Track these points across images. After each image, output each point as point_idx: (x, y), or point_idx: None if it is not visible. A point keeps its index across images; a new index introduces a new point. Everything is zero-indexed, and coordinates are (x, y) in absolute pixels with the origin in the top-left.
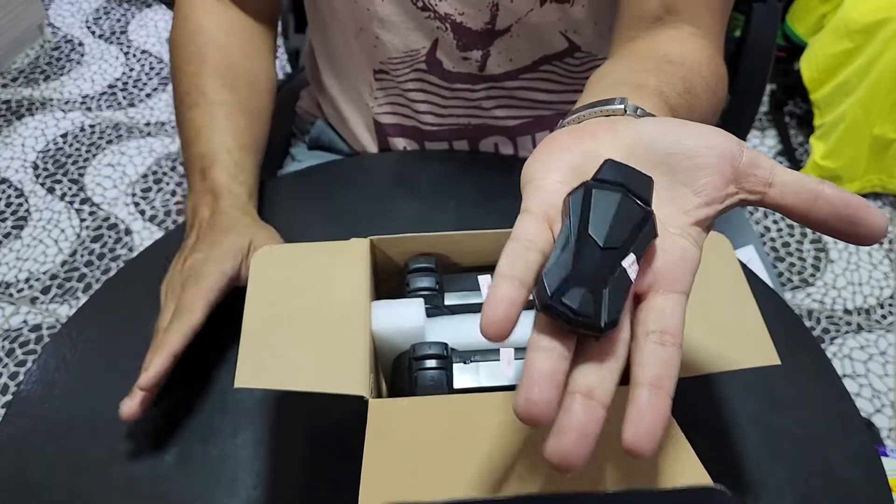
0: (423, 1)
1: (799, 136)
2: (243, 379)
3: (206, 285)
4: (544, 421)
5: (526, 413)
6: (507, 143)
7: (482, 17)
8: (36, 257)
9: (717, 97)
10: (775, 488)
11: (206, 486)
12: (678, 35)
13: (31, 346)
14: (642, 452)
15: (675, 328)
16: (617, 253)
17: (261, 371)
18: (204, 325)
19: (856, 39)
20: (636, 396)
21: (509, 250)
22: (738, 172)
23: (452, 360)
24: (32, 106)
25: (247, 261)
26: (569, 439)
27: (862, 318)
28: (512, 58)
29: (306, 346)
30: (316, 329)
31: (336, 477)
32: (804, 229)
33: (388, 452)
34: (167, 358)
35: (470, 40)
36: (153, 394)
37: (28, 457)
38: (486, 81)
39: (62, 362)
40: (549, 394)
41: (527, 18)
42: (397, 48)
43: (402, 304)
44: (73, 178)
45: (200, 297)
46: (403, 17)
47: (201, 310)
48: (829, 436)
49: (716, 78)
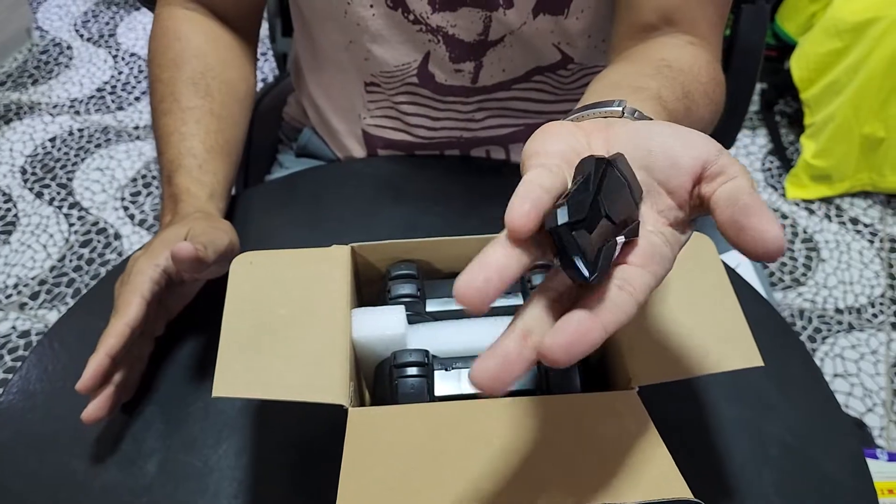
0: (415, 14)
1: (790, 134)
2: (221, 388)
3: (139, 281)
4: (475, 306)
5: (461, 293)
6: (499, 150)
7: (475, 29)
8: (24, 262)
9: (714, 103)
10: (762, 493)
11: (187, 496)
12: (676, 43)
13: (19, 353)
14: (553, 359)
15: (638, 284)
16: (615, 228)
17: (239, 380)
18: (143, 324)
19: (845, 38)
20: (572, 314)
21: (524, 181)
22: (706, 177)
23: (434, 367)
24: (20, 110)
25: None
26: (493, 363)
27: (853, 317)
28: (505, 68)
29: (285, 355)
30: (295, 337)
31: (318, 487)
32: (796, 229)
33: (366, 461)
34: (102, 359)
35: (462, 52)
36: (112, 399)
37: (9, 468)
38: (479, 94)
39: (44, 373)
40: (487, 283)
41: (520, 30)
42: (388, 62)
43: (383, 311)
44: (61, 182)
45: (134, 295)
46: (394, 31)
47: (136, 306)
48: (816, 440)
49: (714, 84)
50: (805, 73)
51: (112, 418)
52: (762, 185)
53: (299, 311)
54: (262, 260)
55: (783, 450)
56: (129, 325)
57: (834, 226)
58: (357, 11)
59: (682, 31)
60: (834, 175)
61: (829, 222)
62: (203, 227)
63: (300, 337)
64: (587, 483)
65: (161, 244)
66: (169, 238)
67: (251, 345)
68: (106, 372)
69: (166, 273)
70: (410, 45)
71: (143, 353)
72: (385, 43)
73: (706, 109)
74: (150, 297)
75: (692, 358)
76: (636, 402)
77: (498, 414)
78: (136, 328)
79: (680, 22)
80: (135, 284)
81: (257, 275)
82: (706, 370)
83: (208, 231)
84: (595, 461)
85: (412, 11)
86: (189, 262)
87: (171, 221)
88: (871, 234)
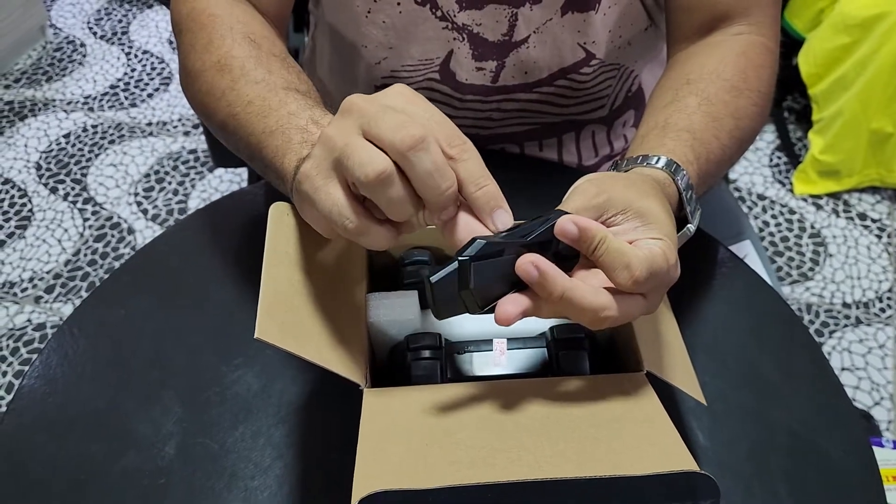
0: (442, 11)
1: (797, 130)
2: (263, 332)
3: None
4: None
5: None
6: (513, 147)
7: (500, 29)
8: (39, 257)
9: (742, 90)
10: (769, 479)
11: (205, 478)
12: (719, 41)
13: (35, 345)
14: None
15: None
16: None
17: (278, 329)
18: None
19: (854, 34)
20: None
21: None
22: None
23: (446, 350)
24: (35, 107)
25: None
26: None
27: (861, 311)
28: (527, 70)
29: (314, 320)
30: (322, 306)
31: (334, 467)
32: (803, 224)
33: (382, 441)
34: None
35: (486, 51)
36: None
37: (29, 452)
38: (499, 93)
39: (64, 358)
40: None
41: (545, 28)
42: (412, 56)
43: (398, 296)
44: (75, 178)
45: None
46: (420, 28)
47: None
48: (823, 427)
49: (742, 76)
50: (813, 68)
51: (130, 403)
52: (770, 180)
53: (326, 282)
54: (295, 217)
55: (790, 437)
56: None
57: (842, 221)
58: (383, 9)
59: (735, 22)
60: (842, 170)
61: (837, 217)
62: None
63: (325, 307)
64: (596, 457)
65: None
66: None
67: (286, 300)
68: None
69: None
70: (435, 42)
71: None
72: (409, 39)
73: (731, 98)
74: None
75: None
76: (645, 384)
77: (509, 394)
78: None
79: (733, 16)
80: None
81: (292, 231)
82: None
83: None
84: (604, 437)
85: (440, 7)
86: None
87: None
88: (879, 230)
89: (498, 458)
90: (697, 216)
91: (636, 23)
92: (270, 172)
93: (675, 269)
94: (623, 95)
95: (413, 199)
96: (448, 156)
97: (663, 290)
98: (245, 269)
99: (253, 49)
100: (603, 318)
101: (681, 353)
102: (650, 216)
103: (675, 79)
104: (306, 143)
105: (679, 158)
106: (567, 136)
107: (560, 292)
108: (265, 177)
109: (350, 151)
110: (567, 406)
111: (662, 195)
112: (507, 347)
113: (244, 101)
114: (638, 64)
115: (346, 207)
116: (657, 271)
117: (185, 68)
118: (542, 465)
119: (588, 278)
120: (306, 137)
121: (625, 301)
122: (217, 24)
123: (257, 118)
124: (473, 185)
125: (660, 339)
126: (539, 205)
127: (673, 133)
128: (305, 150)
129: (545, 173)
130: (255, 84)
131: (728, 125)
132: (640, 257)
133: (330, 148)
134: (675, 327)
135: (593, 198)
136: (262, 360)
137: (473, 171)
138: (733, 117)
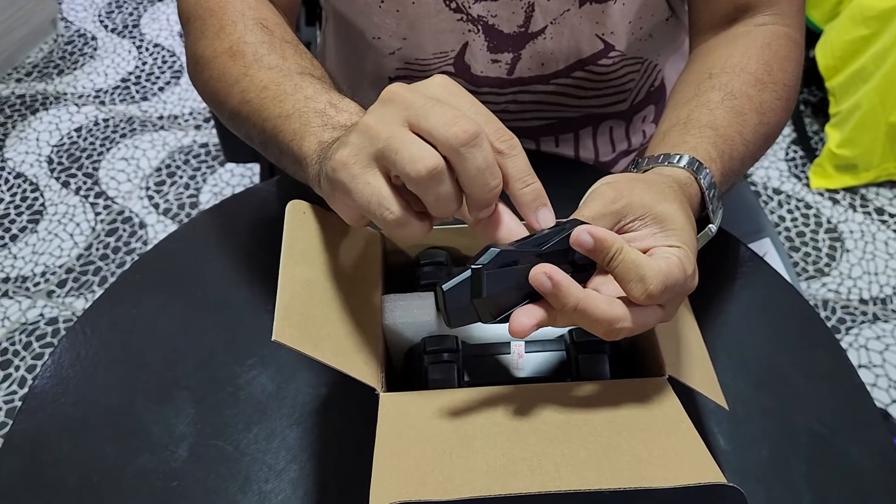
0: (456, 2)
1: (814, 124)
2: (280, 334)
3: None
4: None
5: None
6: (529, 142)
7: (516, 20)
8: (51, 251)
9: (766, 84)
10: (790, 481)
11: (219, 480)
12: (742, 32)
13: (47, 340)
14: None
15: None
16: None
17: (295, 332)
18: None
19: (872, 26)
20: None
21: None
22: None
23: (463, 353)
24: (46, 100)
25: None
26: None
27: (878, 307)
28: (544, 62)
29: (330, 322)
30: (338, 308)
31: (349, 472)
32: (819, 218)
33: (398, 445)
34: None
35: (501, 43)
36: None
37: (42, 453)
38: (514, 85)
39: (77, 358)
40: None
41: (563, 18)
42: (426, 49)
43: (414, 297)
44: (87, 172)
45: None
46: (434, 20)
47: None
48: (845, 430)
49: (766, 69)
50: (830, 60)
51: (143, 404)
52: (786, 175)
53: (342, 283)
54: (312, 215)
55: (811, 438)
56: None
57: (859, 216)
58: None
59: (760, 12)
60: (859, 164)
61: (854, 212)
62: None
63: (341, 309)
64: (619, 466)
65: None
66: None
67: (303, 301)
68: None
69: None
70: (450, 35)
71: None
72: (422, 31)
73: (755, 91)
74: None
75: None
76: (667, 389)
77: (528, 399)
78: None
79: (757, 6)
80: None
81: (309, 229)
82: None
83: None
84: (626, 445)
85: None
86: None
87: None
88: None
89: (517, 467)
90: (719, 215)
91: (656, 13)
92: (286, 158)
93: (692, 279)
94: (646, 90)
95: (458, 196)
96: (497, 150)
97: (680, 299)
98: (258, 268)
99: (266, 35)
100: (618, 329)
101: (702, 356)
102: (669, 222)
103: (697, 73)
104: (326, 127)
105: (702, 156)
106: (584, 132)
107: (574, 304)
108: (279, 164)
109: (398, 145)
110: (587, 412)
111: (683, 197)
112: (525, 350)
113: (258, 86)
114: (661, 57)
115: (389, 199)
116: (673, 284)
117: (195, 55)
118: (563, 475)
119: (604, 286)
120: (326, 121)
121: (640, 312)
122: (228, 10)
123: (272, 103)
124: (521, 181)
125: (681, 342)
126: (556, 202)
127: (695, 130)
128: (326, 133)
129: (562, 171)
130: (269, 70)
131: (752, 121)
132: (656, 270)
133: (371, 137)
134: (695, 330)
135: (611, 203)
136: (276, 360)
137: (521, 167)
138: (757, 112)
